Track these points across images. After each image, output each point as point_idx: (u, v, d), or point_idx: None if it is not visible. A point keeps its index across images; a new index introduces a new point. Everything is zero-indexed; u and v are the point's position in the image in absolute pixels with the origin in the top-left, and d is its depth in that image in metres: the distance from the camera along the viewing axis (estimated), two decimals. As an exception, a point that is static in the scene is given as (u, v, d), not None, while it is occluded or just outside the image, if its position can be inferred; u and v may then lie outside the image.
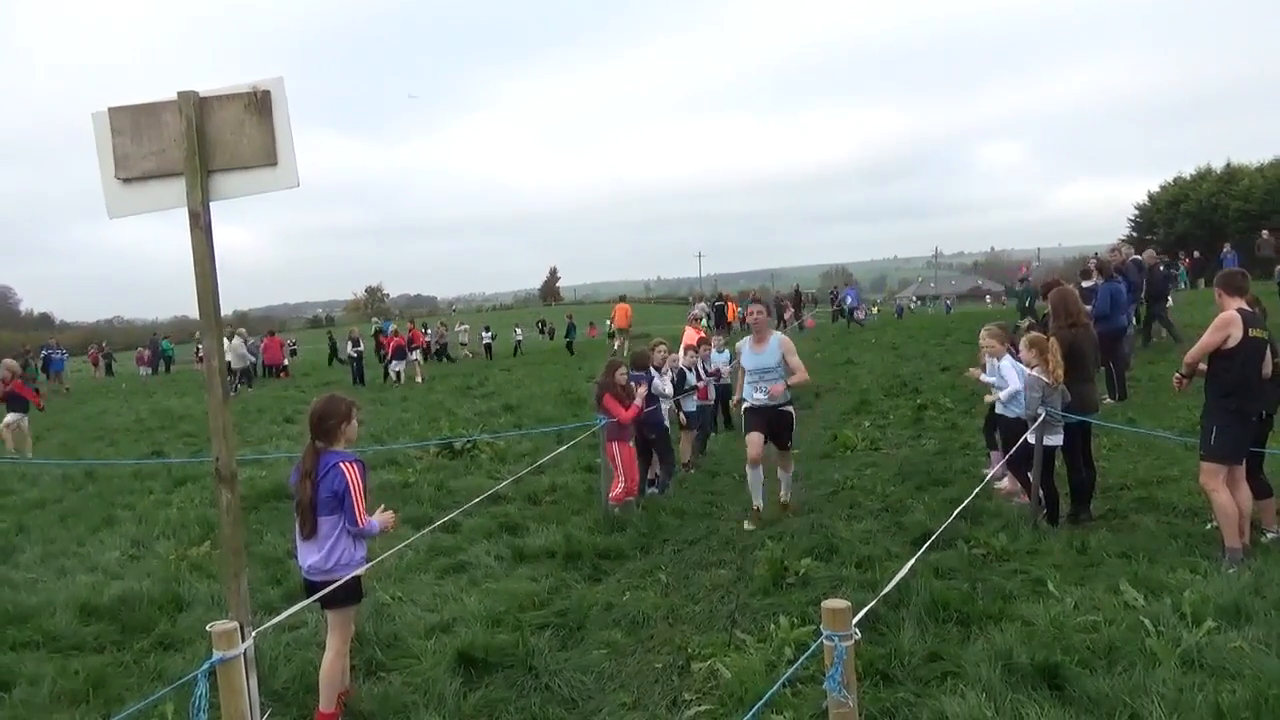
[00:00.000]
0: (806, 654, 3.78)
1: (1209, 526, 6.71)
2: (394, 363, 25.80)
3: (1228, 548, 6.02)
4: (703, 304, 31.45)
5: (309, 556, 4.51)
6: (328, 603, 4.50)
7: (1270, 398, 6.54)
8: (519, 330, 41.60)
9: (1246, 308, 6.17)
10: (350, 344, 28.27)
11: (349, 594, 4.54)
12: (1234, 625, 4.81)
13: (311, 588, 4.49)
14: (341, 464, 4.42)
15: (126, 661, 5.55)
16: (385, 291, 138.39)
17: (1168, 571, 5.81)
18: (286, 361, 33.75)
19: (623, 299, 35.16)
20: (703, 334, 13.75)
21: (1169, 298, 18.05)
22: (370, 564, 4.68)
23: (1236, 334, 6.03)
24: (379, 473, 11.03)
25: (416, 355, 26.64)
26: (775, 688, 3.71)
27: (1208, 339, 6.13)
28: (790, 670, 3.85)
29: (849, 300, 36.18)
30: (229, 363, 26.62)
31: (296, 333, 56.72)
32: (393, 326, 30.08)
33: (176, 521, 9.10)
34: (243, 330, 31.92)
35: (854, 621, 2.87)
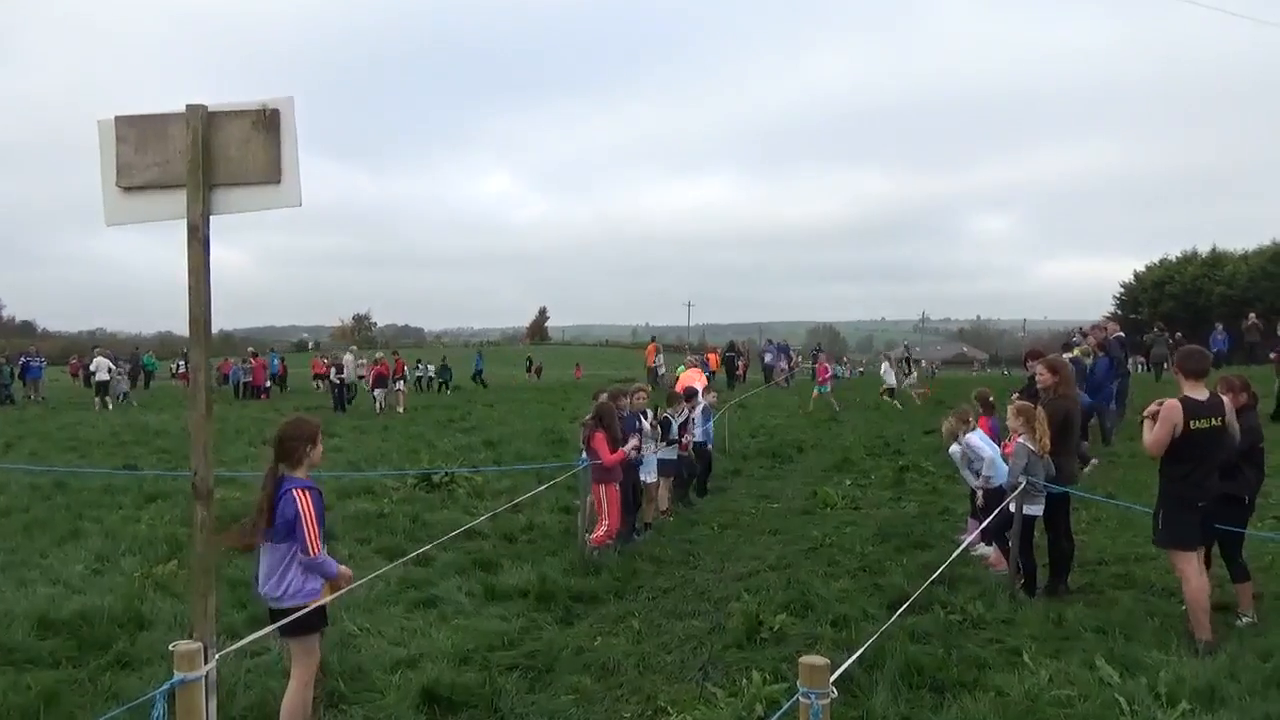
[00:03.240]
0: (780, 711, 3.72)
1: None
2: (376, 391, 25.64)
3: (1198, 639, 5.93)
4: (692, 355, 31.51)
5: (263, 583, 4.45)
6: (286, 631, 4.42)
7: (1252, 481, 6.56)
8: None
9: (1193, 396, 6.03)
10: (333, 370, 28.12)
11: (305, 622, 4.41)
12: (1208, 709, 4.77)
13: (273, 615, 4.42)
14: (295, 490, 4.34)
15: (82, 679, 5.41)
16: (373, 320, 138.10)
17: (1143, 650, 5.76)
18: (269, 384, 33.48)
19: (653, 340, 35.58)
20: (705, 379, 13.87)
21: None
22: (335, 596, 4.57)
23: (1179, 427, 5.91)
24: (354, 501, 10.92)
25: (400, 385, 26.50)
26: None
27: (1158, 432, 5.97)
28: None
29: (767, 358, 34.42)
30: (342, 378, 26.25)
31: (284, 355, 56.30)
32: (280, 359, 31.27)
33: (145, 538, 8.95)
34: (354, 347, 31.88)
35: (831, 679, 2.82)
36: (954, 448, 8.77)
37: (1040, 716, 4.68)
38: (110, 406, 26.42)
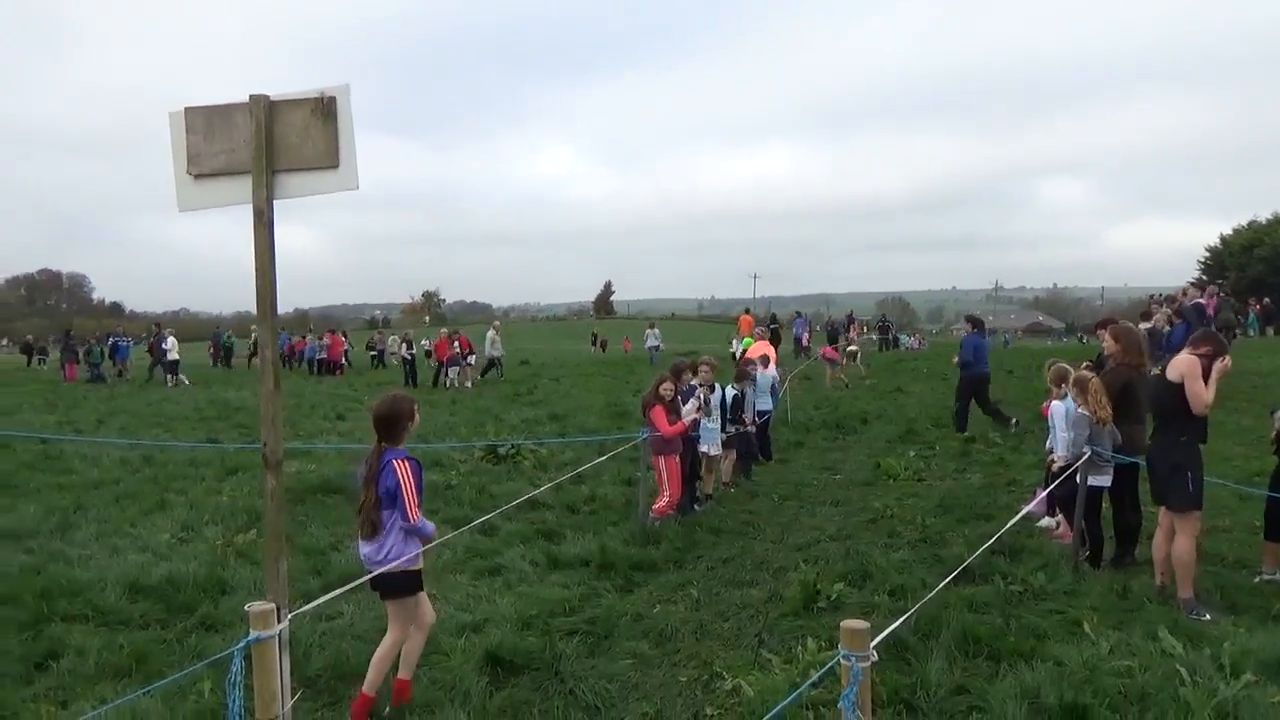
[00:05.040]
0: (822, 670, 3.79)
1: (1257, 579, 6.55)
2: (450, 370, 26.19)
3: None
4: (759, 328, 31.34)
5: (364, 549, 4.70)
6: (384, 593, 4.71)
7: None
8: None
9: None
10: (404, 345, 28.77)
11: (403, 585, 4.69)
12: (1275, 680, 4.69)
13: (373, 582, 4.69)
14: (395, 461, 4.59)
15: (169, 639, 5.75)
16: (441, 297, 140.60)
17: (1210, 621, 5.69)
18: (345, 361, 34.37)
19: (747, 311, 35.55)
20: (770, 349, 14.02)
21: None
22: (415, 553, 4.76)
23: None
24: (424, 473, 11.22)
25: (471, 359, 27.03)
26: (789, 699, 3.72)
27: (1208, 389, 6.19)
28: (805, 685, 3.86)
29: (796, 330, 34.80)
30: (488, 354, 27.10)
31: (354, 334, 57.55)
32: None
33: (226, 508, 9.37)
34: (497, 323, 32.53)
35: (873, 644, 2.88)
36: (1056, 404, 8.43)
37: (1098, 686, 4.65)
38: (187, 382, 27.46)
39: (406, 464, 4.61)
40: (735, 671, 5.07)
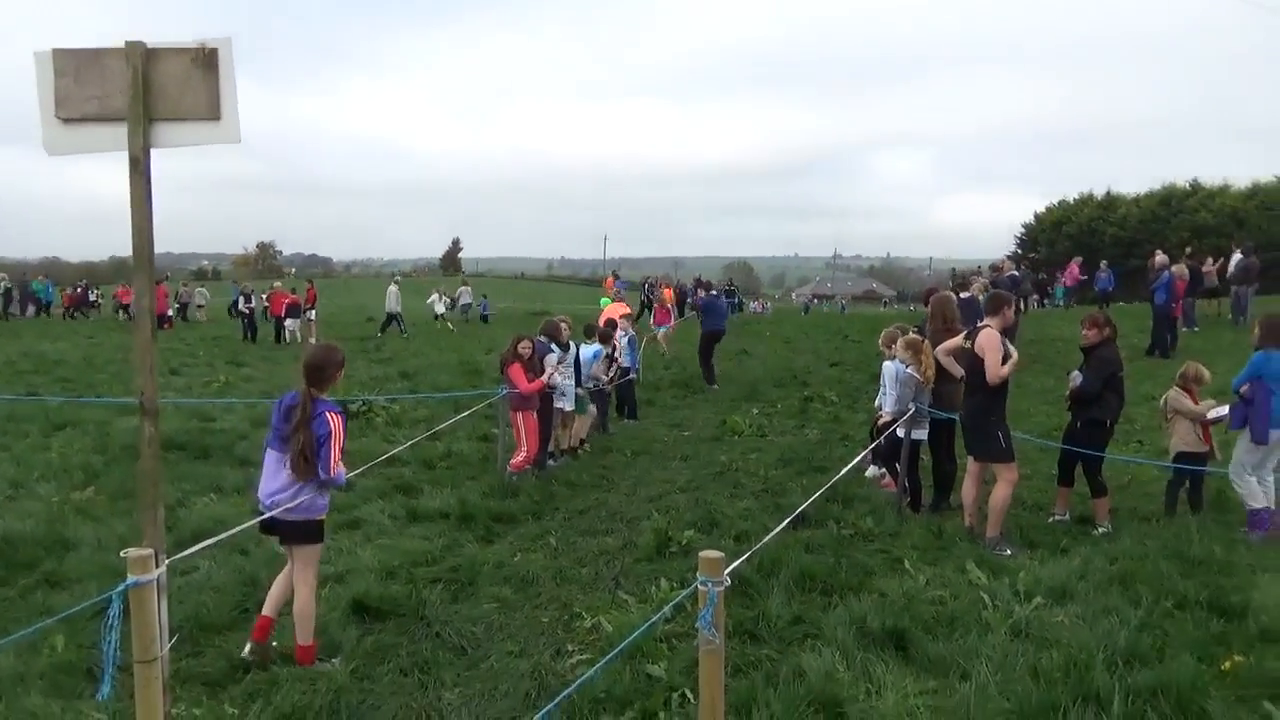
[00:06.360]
0: (680, 596, 4.16)
1: (1050, 520, 7.42)
2: (288, 321, 25.27)
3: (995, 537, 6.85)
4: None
5: (273, 493, 4.69)
6: (293, 541, 4.77)
7: (1113, 407, 7.27)
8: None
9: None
10: (241, 299, 27.53)
11: (305, 534, 4.78)
12: (1059, 602, 5.43)
13: (268, 522, 4.72)
14: (328, 413, 4.66)
15: (11, 596, 5.58)
16: (278, 249, 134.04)
17: (1010, 557, 6.46)
18: (171, 313, 32.50)
19: (614, 274, 35.99)
20: (628, 309, 14.37)
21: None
22: (324, 502, 4.84)
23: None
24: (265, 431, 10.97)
25: (313, 314, 26.12)
26: (644, 627, 4.07)
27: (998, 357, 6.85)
28: (659, 615, 4.22)
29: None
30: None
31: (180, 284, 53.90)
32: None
33: (58, 465, 8.94)
34: (398, 278, 32.93)
35: (725, 572, 3.24)
36: (888, 364, 8.98)
37: (916, 613, 5.26)
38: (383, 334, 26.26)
39: (339, 418, 4.71)
40: (594, 611, 5.40)
